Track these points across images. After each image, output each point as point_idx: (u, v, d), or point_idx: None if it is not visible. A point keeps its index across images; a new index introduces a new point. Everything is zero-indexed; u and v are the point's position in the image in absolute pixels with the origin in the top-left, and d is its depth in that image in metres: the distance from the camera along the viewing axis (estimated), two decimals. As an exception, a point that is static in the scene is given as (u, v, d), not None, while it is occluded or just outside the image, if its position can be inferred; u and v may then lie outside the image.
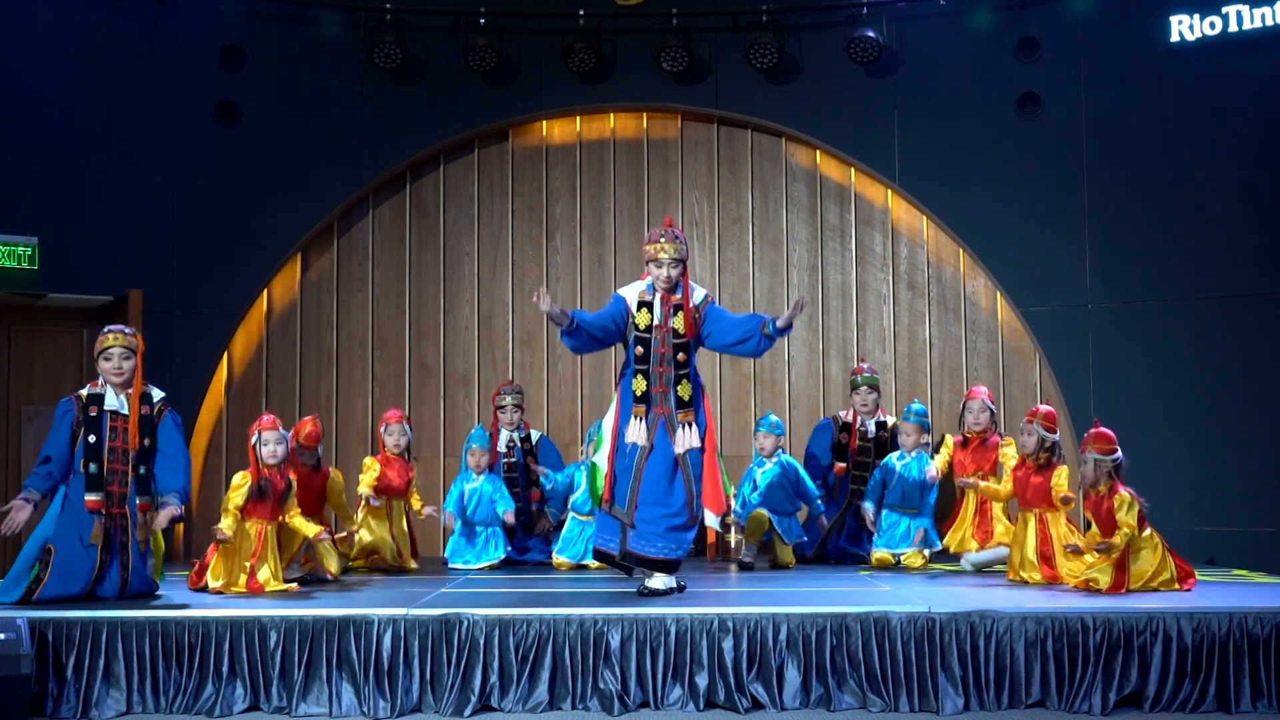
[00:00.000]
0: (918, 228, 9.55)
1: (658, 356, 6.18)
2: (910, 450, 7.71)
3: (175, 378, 8.06)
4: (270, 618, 5.39)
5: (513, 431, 8.27)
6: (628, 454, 6.17)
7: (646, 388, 6.17)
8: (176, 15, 9.05)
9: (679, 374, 6.19)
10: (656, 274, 6.27)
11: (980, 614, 5.39)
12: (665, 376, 6.18)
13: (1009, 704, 5.30)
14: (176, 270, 9.01)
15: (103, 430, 5.82)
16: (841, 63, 9.25)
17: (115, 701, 5.28)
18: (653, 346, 6.18)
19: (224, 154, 9.21)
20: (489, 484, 7.90)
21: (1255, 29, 8.56)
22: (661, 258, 6.26)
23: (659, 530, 6.14)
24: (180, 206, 9.07)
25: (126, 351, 5.90)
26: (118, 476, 5.82)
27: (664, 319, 6.20)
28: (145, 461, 5.88)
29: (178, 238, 9.05)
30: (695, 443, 6.20)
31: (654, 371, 6.17)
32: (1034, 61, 9.15)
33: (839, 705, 5.29)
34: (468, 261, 9.68)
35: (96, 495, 5.76)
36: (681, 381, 6.18)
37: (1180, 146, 8.74)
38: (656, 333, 6.19)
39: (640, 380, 6.18)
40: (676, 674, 5.35)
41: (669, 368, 6.18)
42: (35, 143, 8.65)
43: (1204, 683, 5.29)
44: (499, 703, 5.30)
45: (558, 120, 9.78)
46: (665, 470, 6.16)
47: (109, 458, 5.81)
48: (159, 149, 9.04)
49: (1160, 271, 8.52)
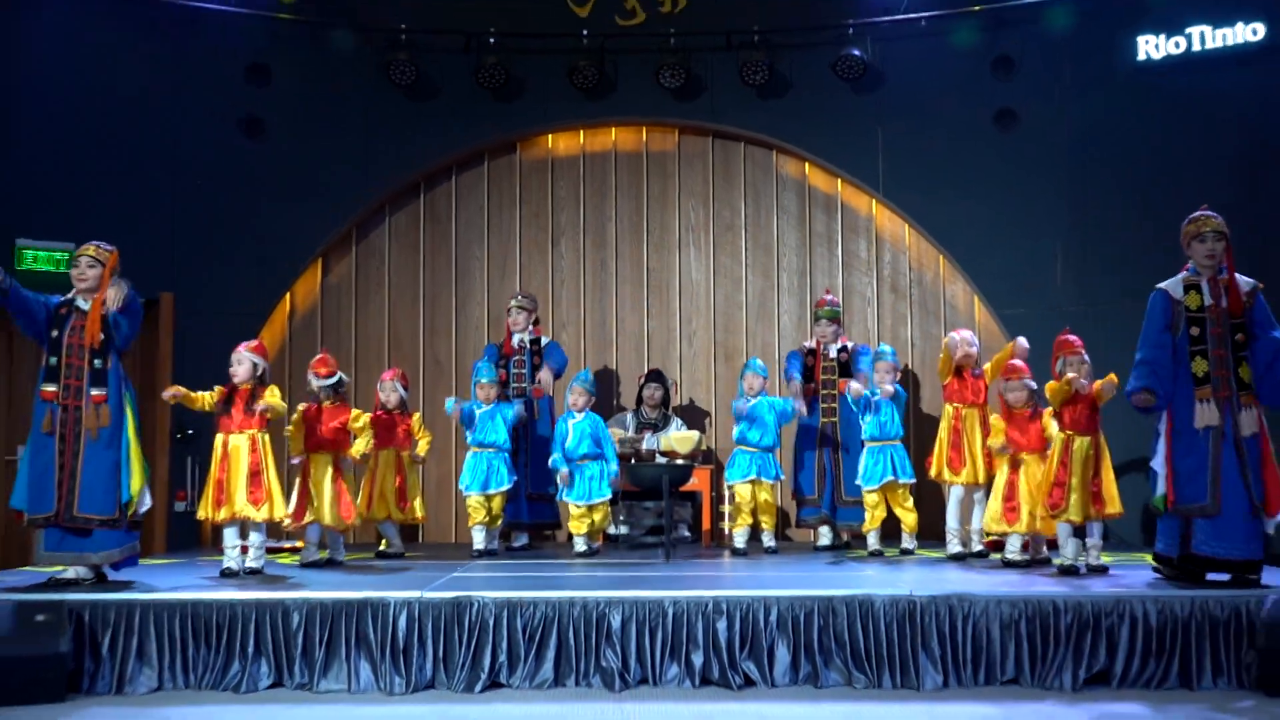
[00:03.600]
0: (900, 235, 9.55)
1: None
2: (883, 385, 7.61)
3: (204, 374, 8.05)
4: (293, 600, 5.40)
5: (521, 334, 8.41)
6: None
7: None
8: (206, 35, 9.05)
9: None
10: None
11: (958, 597, 5.39)
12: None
13: (985, 681, 5.31)
14: (206, 274, 9.01)
15: (64, 327, 5.89)
16: (828, 80, 9.25)
17: (148, 678, 5.29)
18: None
19: (250, 165, 9.21)
20: (500, 410, 7.75)
21: (1217, 48, 8.57)
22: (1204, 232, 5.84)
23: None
24: (210, 214, 9.07)
25: (92, 260, 5.99)
26: (74, 370, 5.85)
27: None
28: (101, 356, 5.88)
29: (207, 243, 9.05)
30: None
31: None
32: (1010, 79, 9.15)
33: (826, 682, 5.29)
34: (478, 266, 9.68)
35: (53, 386, 5.82)
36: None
37: (1147, 158, 8.74)
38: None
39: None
40: (674, 653, 5.35)
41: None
42: (74, 154, 8.66)
43: (1168, 662, 5.29)
44: (507, 680, 5.31)
45: (563, 134, 9.78)
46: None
47: (67, 353, 5.85)
48: (190, 160, 9.03)
49: (1128, 275, 8.50)
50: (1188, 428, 5.77)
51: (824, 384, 8.22)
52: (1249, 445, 5.70)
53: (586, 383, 7.80)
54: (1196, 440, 5.75)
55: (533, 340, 8.47)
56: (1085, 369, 6.41)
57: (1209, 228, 5.86)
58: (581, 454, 7.58)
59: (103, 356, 5.89)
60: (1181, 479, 5.76)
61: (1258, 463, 5.69)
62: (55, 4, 8.62)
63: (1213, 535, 5.67)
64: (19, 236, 8.40)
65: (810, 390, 8.23)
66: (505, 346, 8.48)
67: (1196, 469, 5.73)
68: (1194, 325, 5.80)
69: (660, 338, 9.68)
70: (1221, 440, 5.71)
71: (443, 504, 9.30)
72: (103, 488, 5.81)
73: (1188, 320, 5.83)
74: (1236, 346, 5.75)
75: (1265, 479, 5.68)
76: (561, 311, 9.66)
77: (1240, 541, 5.63)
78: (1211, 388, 5.73)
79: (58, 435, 5.80)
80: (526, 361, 8.41)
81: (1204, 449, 5.73)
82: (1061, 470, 6.27)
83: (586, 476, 7.57)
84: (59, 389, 5.82)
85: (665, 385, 9.04)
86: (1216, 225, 5.86)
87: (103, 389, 5.86)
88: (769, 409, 7.82)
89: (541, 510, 8.35)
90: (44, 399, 5.84)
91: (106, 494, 5.82)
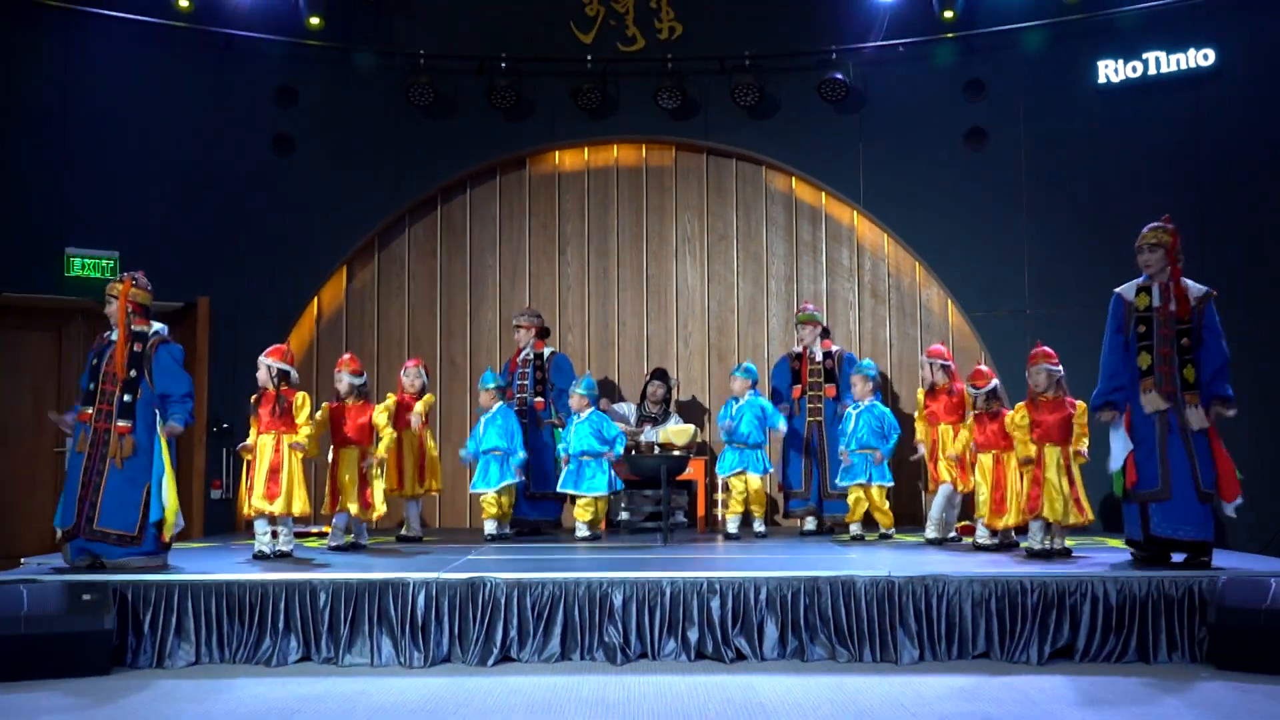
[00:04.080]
0: (879, 244, 9.53)
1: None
2: (860, 398, 7.60)
3: (238, 373, 8.07)
4: (320, 580, 5.39)
5: (527, 347, 8.36)
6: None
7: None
8: (239, 60, 9.04)
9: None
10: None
11: (933, 577, 5.38)
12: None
13: (958, 655, 5.30)
14: (239, 280, 8.99)
15: (104, 356, 5.89)
16: (814, 101, 9.23)
17: (186, 653, 5.29)
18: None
19: (280, 179, 9.19)
20: (499, 415, 7.69)
21: (1170, 72, 8.57)
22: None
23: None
24: (242, 225, 9.06)
25: (108, 297, 5.99)
26: (107, 396, 5.82)
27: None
28: (130, 391, 5.81)
29: (240, 252, 9.03)
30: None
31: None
32: (980, 100, 9.14)
33: (811, 656, 5.29)
34: (491, 272, 9.66)
35: (88, 409, 5.80)
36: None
37: (1106, 173, 8.73)
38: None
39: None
40: (671, 629, 5.35)
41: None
42: (118, 169, 8.63)
43: (1127, 637, 5.29)
44: (517, 654, 5.31)
45: (568, 151, 9.76)
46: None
47: (102, 380, 5.83)
48: (224, 175, 9.02)
49: (1088, 281, 8.48)
50: (1140, 419, 5.82)
51: (810, 386, 8.19)
52: (1196, 437, 5.73)
53: (591, 389, 7.80)
54: (1147, 431, 5.80)
55: (535, 355, 8.39)
56: (1043, 377, 6.32)
57: (1143, 241, 5.99)
58: (582, 450, 7.58)
59: (132, 391, 5.81)
60: (1138, 466, 5.79)
61: (1207, 452, 5.71)
62: (105, 32, 8.61)
63: (1165, 518, 5.72)
64: (68, 245, 8.38)
65: (798, 392, 8.22)
66: (512, 364, 8.42)
67: (1146, 457, 5.79)
68: (1141, 323, 5.89)
69: (658, 339, 9.66)
70: (1169, 431, 5.75)
71: (459, 493, 9.28)
72: (123, 507, 5.73)
73: (1136, 319, 5.91)
74: (1182, 350, 5.79)
75: (1218, 467, 5.70)
76: (568, 314, 9.64)
77: (1191, 524, 5.67)
78: (1154, 380, 5.78)
79: (88, 454, 5.77)
80: (530, 375, 8.34)
81: (1153, 439, 5.78)
82: (1038, 475, 6.22)
83: (588, 473, 7.58)
84: (94, 412, 5.80)
85: (668, 383, 9.06)
86: (1150, 238, 5.96)
87: (129, 421, 5.78)
88: (750, 417, 7.79)
89: (545, 508, 8.34)
90: (80, 420, 5.82)
91: (127, 512, 5.73)
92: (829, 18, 9.31)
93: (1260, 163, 8.30)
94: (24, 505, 8.34)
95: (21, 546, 7.99)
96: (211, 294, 8.90)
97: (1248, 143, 8.34)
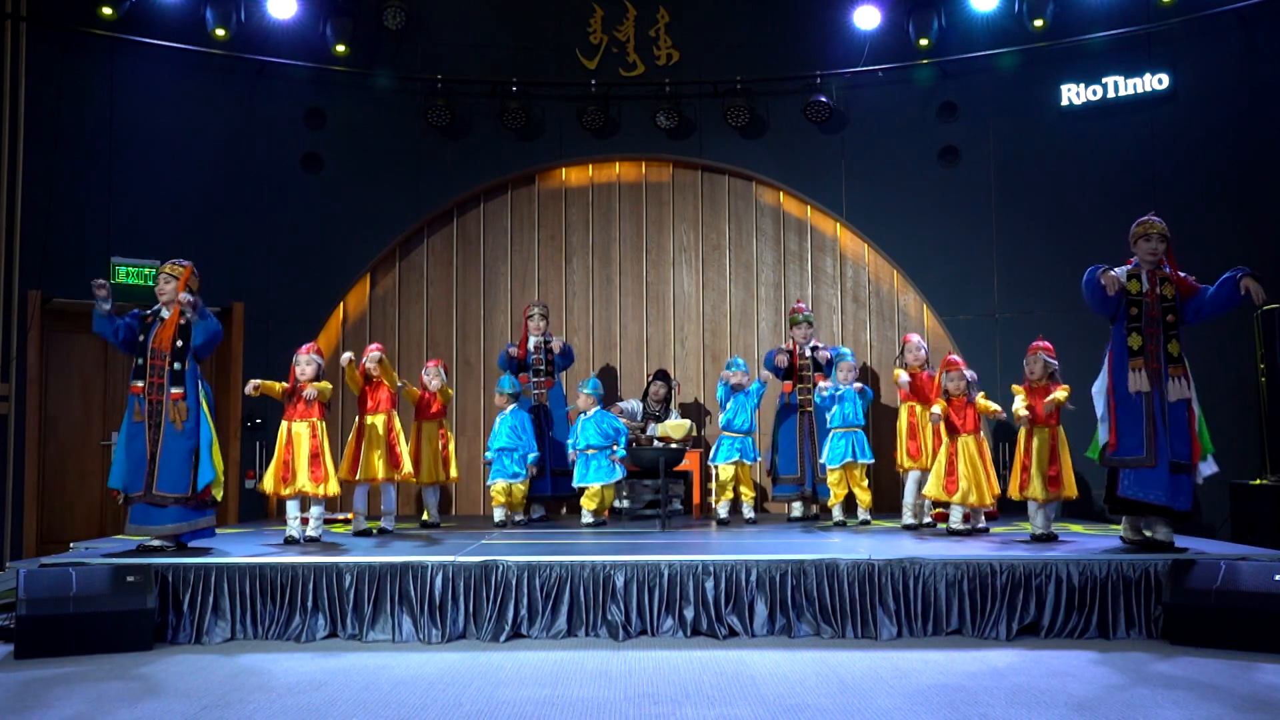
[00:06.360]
0: (860, 253, 9.52)
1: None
2: (846, 383, 7.59)
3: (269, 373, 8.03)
4: (345, 563, 5.39)
5: (538, 338, 8.45)
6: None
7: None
8: (271, 84, 9.03)
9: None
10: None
11: (910, 560, 5.38)
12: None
13: (933, 632, 5.30)
14: (271, 286, 8.99)
15: (150, 333, 5.95)
16: (800, 122, 9.23)
17: (222, 630, 5.28)
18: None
19: (309, 194, 9.18)
20: (512, 416, 7.77)
21: (1129, 95, 8.57)
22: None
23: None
24: (274, 236, 9.05)
25: (168, 276, 6.05)
26: (157, 369, 5.87)
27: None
28: (179, 359, 5.90)
29: (272, 260, 9.02)
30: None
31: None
32: (953, 121, 9.13)
33: (798, 633, 5.28)
34: (502, 280, 9.65)
35: (140, 383, 5.87)
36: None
37: (1069, 188, 8.73)
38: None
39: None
40: (669, 608, 5.34)
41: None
42: (160, 184, 8.62)
43: (1088, 615, 5.29)
44: (527, 631, 5.30)
45: (574, 168, 9.75)
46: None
47: (151, 355, 5.90)
48: (258, 190, 9.01)
49: (1053, 288, 8.50)
50: (1124, 393, 5.77)
51: (801, 378, 8.19)
52: (1173, 410, 5.68)
53: (597, 390, 7.80)
54: (1132, 404, 5.75)
55: (546, 342, 8.49)
56: (1039, 366, 6.46)
57: (1154, 230, 5.91)
58: (587, 444, 7.59)
59: (181, 360, 5.90)
60: (1122, 435, 5.74)
61: (1184, 425, 5.68)
62: (148, 58, 8.60)
63: (1137, 482, 5.66)
64: (114, 255, 8.38)
65: (789, 386, 8.22)
66: (520, 349, 8.47)
67: (1132, 428, 5.73)
68: (1133, 306, 5.83)
69: (657, 341, 9.65)
70: (1153, 405, 5.71)
71: (474, 482, 9.28)
72: (177, 471, 5.81)
73: (1128, 302, 5.85)
74: (1167, 326, 5.78)
75: (1192, 440, 5.68)
76: (573, 319, 9.63)
77: (1162, 490, 5.60)
78: (1143, 359, 5.74)
79: (147, 424, 5.81)
80: (542, 359, 8.43)
81: (1139, 412, 5.74)
82: (1025, 457, 6.26)
83: (594, 465, 7.57)
84: (145, 385, 5.84)
85: (669, 384, 9.04)
86: (1160, 229, 5.92)
87: (180, 388, 5.87)
88: (745, 404, 7.81)
89: (562, 484, 8.35)
90: (133, 393, 5.88)
91: (181, 476, 5.81)
92: (814, 45, 9.30)
93: (1210, 178, 8.31)
94: (73, 494, 8.34)
95: (71, 532, 8.00)
96: (246, 299, 8.89)
97: (1198, 160, 8.35)
